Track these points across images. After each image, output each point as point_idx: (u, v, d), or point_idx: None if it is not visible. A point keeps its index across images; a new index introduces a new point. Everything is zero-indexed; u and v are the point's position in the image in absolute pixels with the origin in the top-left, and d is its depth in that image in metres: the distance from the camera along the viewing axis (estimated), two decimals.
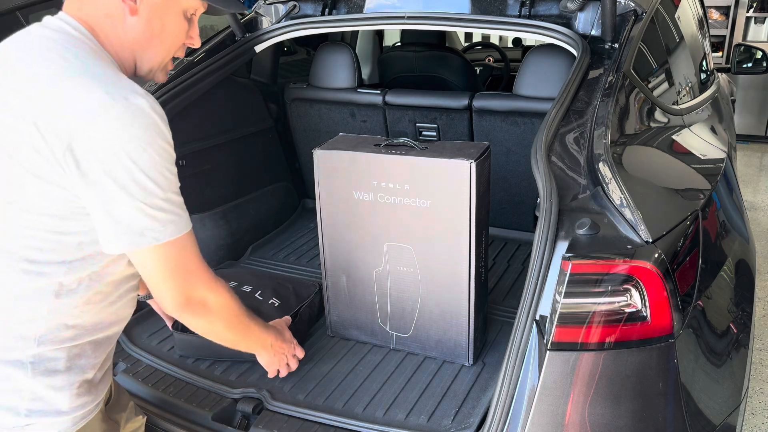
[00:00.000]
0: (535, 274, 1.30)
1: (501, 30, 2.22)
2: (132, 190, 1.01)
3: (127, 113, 1.01)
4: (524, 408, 1.27)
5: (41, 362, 1.09)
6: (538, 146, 1.52)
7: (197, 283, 1.16)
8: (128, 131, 1.00)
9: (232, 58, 2.41)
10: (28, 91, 1.03)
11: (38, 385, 1.08)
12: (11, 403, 1.07)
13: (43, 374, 1.09)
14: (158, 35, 1.16)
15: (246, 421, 1.60)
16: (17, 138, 1.02)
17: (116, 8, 1.12)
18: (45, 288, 1.07)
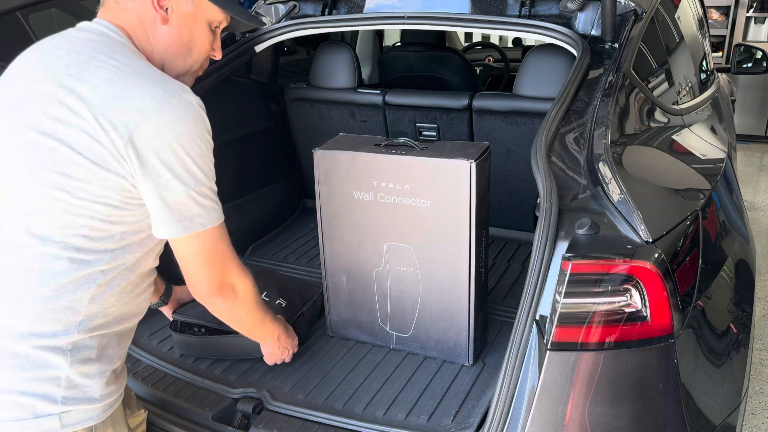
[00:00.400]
0: (535, 274, 1.30)
1: (501, 30, 2.22)
2: (185, 179, 1.10)
3: (181, 108, 1.09)
4: (524, 408, 1.27)
5: (78, 350, 1.14)
6: (538, 146, 1.52)
7: (230, 269, 1.25)
8: (182, 124, 1.09)
9: (232, 58, 2.41)
10: (82, 89, 1.08)
11: (74, 373, 1.13)
12: (48, 391, 1.11)
13: (79, 362, 1.14)
14: (186, 44, 1.24)
15: (246, 421, 1.60)
16: (76, 132, 1.07)
17: (149, 16, 1.20)
18: (89, 276, 1.12)
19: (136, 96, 1.07)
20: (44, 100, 1.09)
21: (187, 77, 1.30)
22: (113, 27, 1.19)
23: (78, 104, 1.07)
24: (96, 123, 1.06)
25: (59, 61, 1.13)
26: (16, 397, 1.09)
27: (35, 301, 1.11)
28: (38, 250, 1.10)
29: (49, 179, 1.08)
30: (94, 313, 1.15)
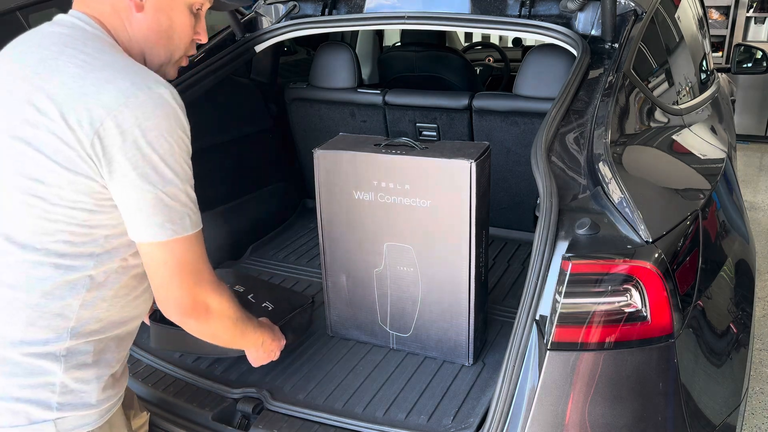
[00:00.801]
0: (535, 274, 1.30)
1: (501, 30, 2.22)
2: (152, 178, 1.03)
3: (149, 102, 1.03)
4: (524, 408, 1.27)
5: (73, 355, 1.11)
6: (538, 146, 1.52)
7: (204, 286, 1.14)
8: (150, 119, 1.02)
9: (232, 58, 2.41)
10: (50, 87, 1.03)
11: (69, 379, 1.10)
12: (43, 397, 1.09)
13: (74, 368, 1.11)
14: (165, 31, 1.17)
15: (246, 421, 1.60)
16: (44, 134, 1.02)
17: (123, 5, 1.13)
18: (77, 282, 1.08)
19: (104, 91, 1.01)
20: (16, 102, 1.05)
21: (170, 66, 1.23)
22: (87, 18, 1.12)
23: (47, 104, 1.03)
24: (63, 123, 1.01)
25: (31, 58, 1.08)
26: (10, 403, 1.07)
27: (24, 309, 1.08)
28: (21, 258, 1.06)
29: (22, 185, 1.04)
30: (86, 319, 1.12)
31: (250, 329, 1.38)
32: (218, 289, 1.17)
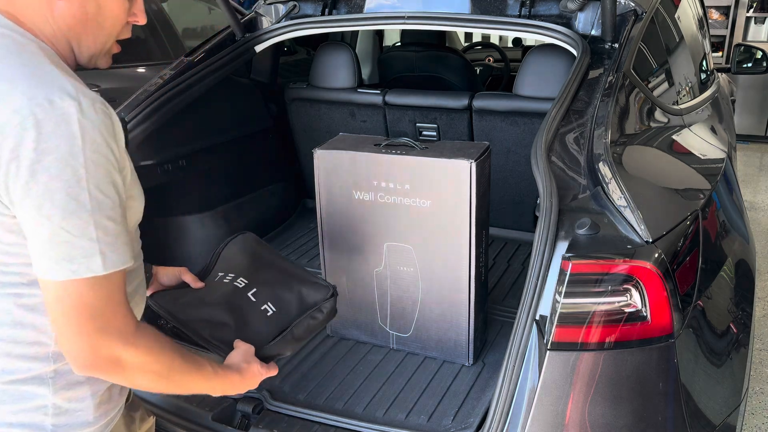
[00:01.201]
0: (535, 274, 1.30)
1: (501, 30, 2.22)
2: (47, 211, 0.87)
3: (48, 120, 0.87)
4: (524, 408, 1.27)
5: (62, 376, 1.03)
6: (538, 146, 1.52)
7: (109, 336, 0.93)
8: (49, 141, 0.86)
9: (232, 58, 2.41)
10: None
11: (60, 400, 1.03)
12: (36, 420, 1.02)
13: (64, 388, 1.03)
14: (94, 18, 1.02)
15: (246, 420, 1.60)
16: None
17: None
18: (37, 306, 0.97)
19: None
20: None
21: (101, 57, 1.08)
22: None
23: None
24: None
25: None
26: (4, 429, 1.02)
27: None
28: None
29: None
30: None
31: (197, 379, 1.11)
32: (134, 341, 0.96)
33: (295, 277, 1.48)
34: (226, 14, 2.46)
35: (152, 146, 2.12)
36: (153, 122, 2.10)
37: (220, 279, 1.46)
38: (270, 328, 1.36)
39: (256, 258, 1.52)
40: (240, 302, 1.37)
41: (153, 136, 2.11)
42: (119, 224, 0.93)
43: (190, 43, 4.06)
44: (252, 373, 1.23)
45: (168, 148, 2.19)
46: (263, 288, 1.46)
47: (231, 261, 1.52)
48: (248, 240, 1.57)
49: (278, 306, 1.42)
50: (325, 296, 1.45)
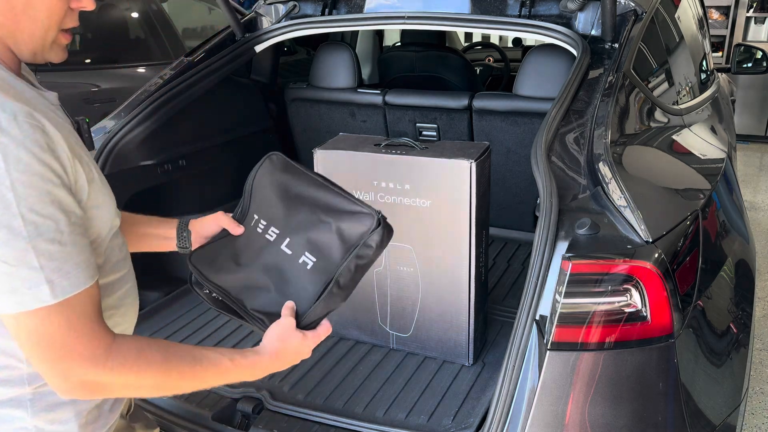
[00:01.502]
0: (535, 274, 1.30)
1: (501, 30, 2.22)
2: None
3: None
4: (524, 408, 1.27)
5: (41, 398, 0.97)
6: (538, 146, 1.52)
7: (79, 365, 0.86)
8: None
9: (232, 58, 2.41)
10: None
11: (41, 422, 0.97)
12: None
13: (44, 410, 0.97)
14: (24, 12, 0.91)
15: (246, 421, 1.60)
16: None
17: None
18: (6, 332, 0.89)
19: None
20: None
21: (49, 52, 0.96)
22: None
23: None
24: None
25: None
26: None
27: None
28: None
29: None
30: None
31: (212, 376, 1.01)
32: (106, 362, 0.88)
33: (331, 209, 1.21)
34: (226, 14, 2.46)
35: (152, 146, 2.12)
36: (153, 122, 2.10)
37: (255, 225, 1.28)
38: (314, 281, 1.16)
39: (285, 192, 1.28)
40: (275, 259, 1.20)
41: (153, 136, 2.11)
42: (69, 245, 0.84)
43: (190, 43, 4.06)
44: (289, 351, 1.10)
45: (168, 148, 2.19)
46: (296, 235, 1.22)
47: (262, 198, 1.32)
48: (276, 165, 1.35)
49: (317, 254, 1.19)
50: (370, 227, 1.17)
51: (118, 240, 1.04)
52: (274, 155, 1.35)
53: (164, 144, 2.17)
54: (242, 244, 1.27)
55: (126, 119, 2.07)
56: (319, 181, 1.25)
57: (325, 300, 1.14)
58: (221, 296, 1.21)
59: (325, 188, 1.24)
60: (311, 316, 1.13)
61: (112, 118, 2.13)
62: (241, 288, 1.20)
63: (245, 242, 1.27)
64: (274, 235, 1.24)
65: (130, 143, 2.06)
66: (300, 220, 1.22)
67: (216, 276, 1.22)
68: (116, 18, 4.13)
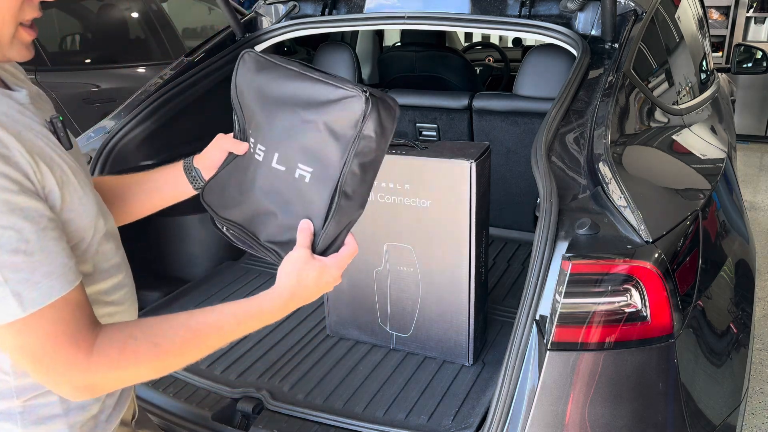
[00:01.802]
0: (535, 274, 1.30)
1: (501, 30, 2.22)
2: None
3: None
4: (524, 408, 1.27)
5: (31, 411, 0.93)
6: (538, 146, 1.52)
7: (65, 372, 0.84)
8: None
9: (232, 58, 2.41)
10: None
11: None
12: None
13: (35, 423, 0.94)
14: None
15: (246, 421, 1.60)
16: None
17: None
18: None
19: None
20: None
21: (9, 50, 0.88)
22: None
23: None
24: None
25: None
26: None
27: None
28: None
29: None
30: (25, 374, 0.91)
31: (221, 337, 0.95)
32: (89, 367, 0.84)
33: (312, 103, 1.00)
34: (226, 14, 2.46)
35: (152, 146, 2.12)
36: (153, 122, 2.10)
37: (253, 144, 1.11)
38: (319, 193, 0.99)
39: (262, 99, 1.09)
40: (270, 180, 1.05)
41: (153, 136, 2.12)
42: (37, 254, 0.79)
43: (190, 43, 4.06)
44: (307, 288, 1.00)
45: (168, 148, 2.19)
46: (283, 147, 1.04)
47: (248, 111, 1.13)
48: (249, 67, 1.13)
49: (312, 162, 1.00)
50: (361, 112, 0.96)
51: (110, 245, 0.99)
52: (246, 53, 1.15)
53: (164, 144, 2.17)
54: (242, 168, 1.13)
55: (126, 119, 2.07)
56: (294, 70, 1.03)
57: (335, 218, 0.98)
58: (238, 232, 1.09)
59: (301, 77, 1.02)
60: (326, 239, 0.99)
61: (112, 118, 2.13)
62: (251, 219, 1.08)
63: (244, 165, 1.13)
64: (261, 153, 1.07)
65: (130, 143, 2.06)
66: (282, 127, 1.03)
67: (226, 210, 1.10)
68: (116, 18, 4.13)
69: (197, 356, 0.94)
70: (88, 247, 0.93)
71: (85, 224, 0.91)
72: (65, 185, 0.87)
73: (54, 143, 0.89)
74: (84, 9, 4.05)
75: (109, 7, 4.09)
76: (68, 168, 0.88)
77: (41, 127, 0.88)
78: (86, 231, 0.92)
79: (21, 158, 0.80)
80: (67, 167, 0.88)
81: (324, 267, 1.00)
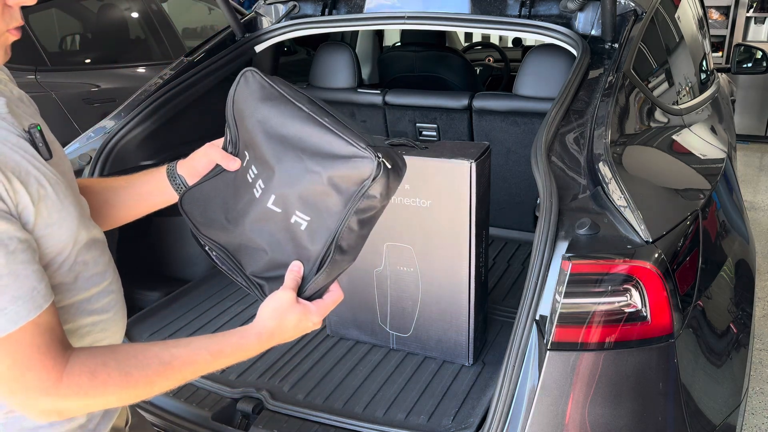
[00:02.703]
0: (535, 274, 1.30)
1: (501, 30, 2.22)
2: None
3: None
4: (524, 408, 1.27)
5: (14, 422, 0.92)
6: (538, 146, 1.52)
7: (33, 396, 0.82)
8: None
9: (232, 58, 2.41)
10: None
11: None
12: None
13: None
14: None
15: (246, 421, 1.60)
16: None
17: None
18: None
19: None
20: None
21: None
22: None
23: None
24: None
25: None
26: None
27: None
28: None
29: None
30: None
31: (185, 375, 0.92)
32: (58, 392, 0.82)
33: (319, 154, 0.96)
34: (226, 14, 2.46)
35: (152, 146, 2.12)
36: (153, 122, 2.10)
37: (247, 167, 1.07)
38: (314, 241, 0.99)
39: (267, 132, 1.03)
40: (264, 218, 1.02)
41: (153, 136, 2.11)
42: (5, 277, 0.77)
43: (190, 43, 4.06)
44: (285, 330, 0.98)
45: (168, 149, 2.19)
46: (283, 190, 1.00)
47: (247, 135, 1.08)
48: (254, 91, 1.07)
49: (311, 211, 0.98)
50: (370, 175, 0.93)
51: (93, 253, 0.96)
52: (249, 73, 1.10)
53: (164, 144, 2.17)
54: (231, 190, 1.08)
55: (126, 119, 2.07)
56: (304, 111, 1.00)
57: (327, 270, 0.98)
58: (223, 256, 1.06)
59: (311, 121, 0.98)
60: (313, 287, 0.99)
61: (112, 118, 2.13)
62: (237, 248, 1.05)
63: (234, 189, 1.08)
64: (260, 190, 1.03)
65: (130, 143, 2.06)
66: (285, 170, 0.99)
67: (209, 230, 1.08)
68: (116, 18, 4.13)
69: (168, 387, 0.91)
70: (66, 258, 0.90)
71: (65, 237, 0.89)
72: (41, 200, 0.84)
73: (32, 154, 0.85)
74: (84, 9, 4.05)
75: (109, 7, 4.09)
76: (46, 180, 0.85)
77: (18, 138, 0.85)
78: (65, 243, 0.89)
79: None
80: (46, 180, 0.85)
81: (307, 312, 0.99)
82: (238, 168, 1.09)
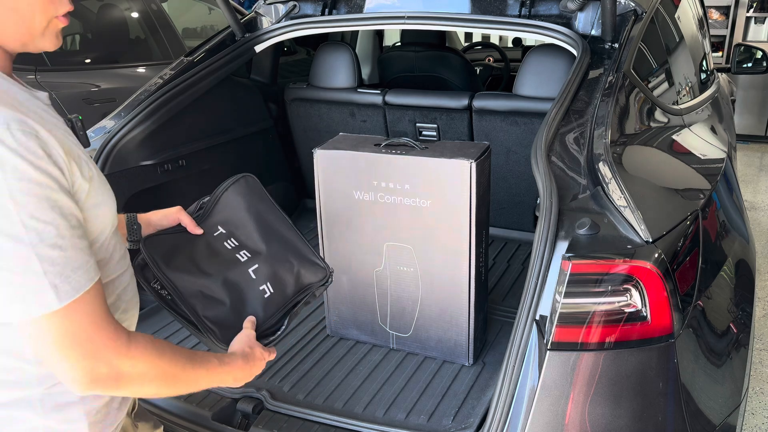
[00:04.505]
0: (535, 274, 1.30)
1: (501, 30, 2.22)
2: None
3: None
4: (524, 408, 1.27)
5: (50, 398, 0.97)
6: (538, 146, 1.52)
7: (104, 357, 0.89)
8: None
9: (232, 58, 2.41)
10: None
11: (52, 422, 0.98)
12: None
13: (54, 410, 0.98)
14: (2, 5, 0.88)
15: (246, 420, 1.60)
16: None
17: None
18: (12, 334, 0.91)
19: None
20: None
21: (41, 40, 0.93)
22: None
23: None
24: None
25: None
26: None
27: None
28: None
29: None
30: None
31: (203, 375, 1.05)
32: (128, 352, 0.91)
33: (296, 252, 1.36)
34: (226, 14, 2.46)
35: (152, 146, 2.12)
36: (153, 122, 2.10)
37: (219, 237, 1.34)
38: (267, 310, 1.29)
39: (261, 222, 1.39)
40: (239, 278, 1.28)
41: (153, 136, 2.12)
42: (70, 249, 0.84)
43: (190, 43, 4.06)
44: (256, 358, 1.16)
45: (168, 148, 2.19)
46: (265, 265, 1.34)
47: (231, 214, 1.39)
48: (253, 190, 1.42)
49: (276, 287, 1.33)
50: (320, 280, 1.35)
51: (117, 237, 1.05)
52: (251, 178, 1.43)
53: (164, 144, 2.17)
54: (203, 250, 1.31)
55: (126, 119, 2.07)
56: (288, 223, 1.41)
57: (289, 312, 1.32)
58: (172, 294, 1.23)
59: (293, 231, 1.40)
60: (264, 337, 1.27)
61: (112, 118, 2.13)
62: (196, 293, 1.23)
63: (207, 250, 1.32)
64: (245, 257, 1.34)
65: (130, 143, 2.06)
66: (272, 252, 1.35)
67: (171, 272, 1.23)
68: (116, 18, 4.13)
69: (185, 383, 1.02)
70: (106, 238, 0.99)
71: (106, 218, 0.97)
72: (91, 181, 0.92)
73: (75, 142, 0.94)
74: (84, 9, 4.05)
75: (109, 7, 4.09)
76: (92, 164, 0.94)
77: (64, 125, 0.93)
78: (106, 224, 0.98)
79: (59, 157, 0.85)
80: (91, 164, 0.94)
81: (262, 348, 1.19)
82: (201, 236, 1.33)
